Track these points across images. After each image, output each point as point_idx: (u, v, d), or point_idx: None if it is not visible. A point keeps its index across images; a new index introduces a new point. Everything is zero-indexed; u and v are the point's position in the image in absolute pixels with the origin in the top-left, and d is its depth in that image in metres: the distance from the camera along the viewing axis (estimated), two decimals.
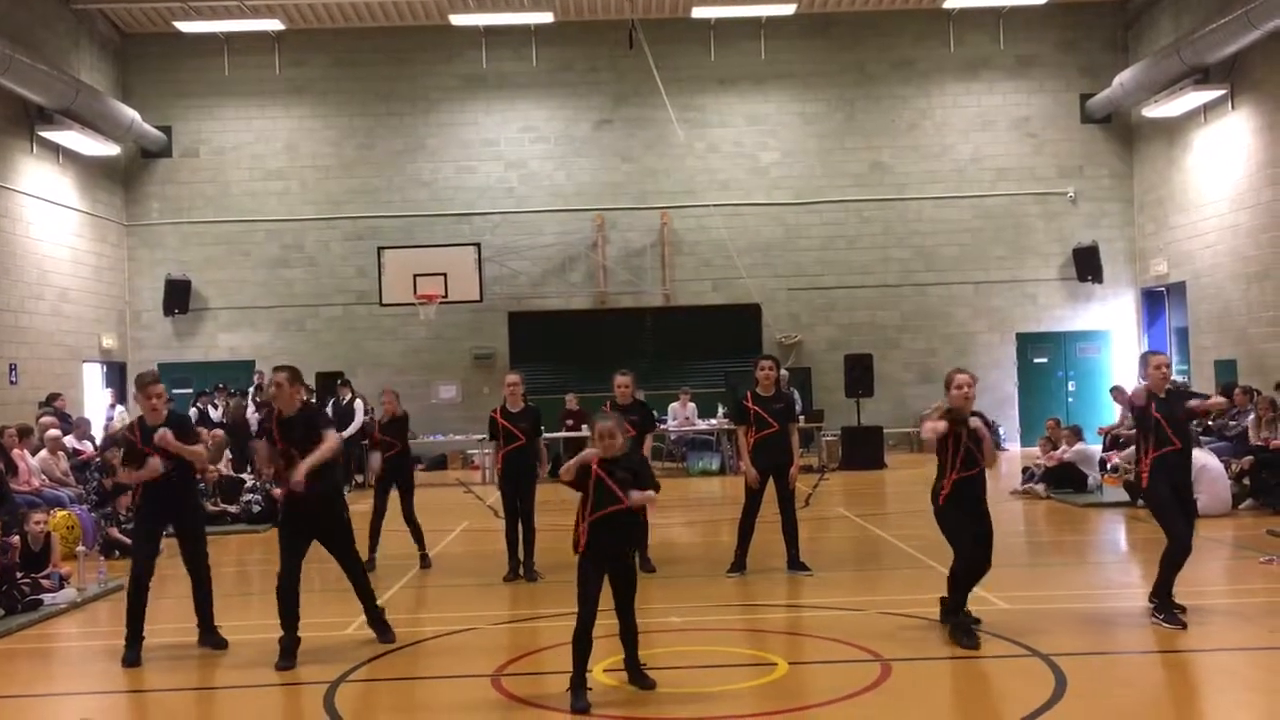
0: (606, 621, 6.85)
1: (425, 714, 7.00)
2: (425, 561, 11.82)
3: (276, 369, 8.35)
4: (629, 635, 6.93)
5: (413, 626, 9.09)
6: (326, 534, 8.19)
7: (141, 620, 8.13)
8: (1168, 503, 8.29)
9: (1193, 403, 8.51)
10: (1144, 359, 8.77)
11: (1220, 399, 9.57)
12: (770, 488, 10.53)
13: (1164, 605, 8.15)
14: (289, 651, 7.84)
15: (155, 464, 8.11)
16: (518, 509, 10.89)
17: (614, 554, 6.83)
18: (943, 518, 8.13)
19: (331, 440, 8.05)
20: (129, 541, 12.22)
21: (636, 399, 11.21)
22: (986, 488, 8.18)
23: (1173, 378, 9.25)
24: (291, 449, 7.96)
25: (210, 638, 8.46)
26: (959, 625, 7.91)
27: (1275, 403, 15.37)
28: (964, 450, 7.97)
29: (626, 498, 6.75)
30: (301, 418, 8.11)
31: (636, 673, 6.95)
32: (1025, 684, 6.90)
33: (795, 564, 10.66)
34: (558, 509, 10.99)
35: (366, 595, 8.41)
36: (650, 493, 6.89)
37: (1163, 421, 8.31)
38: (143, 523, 8.42)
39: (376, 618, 8.45)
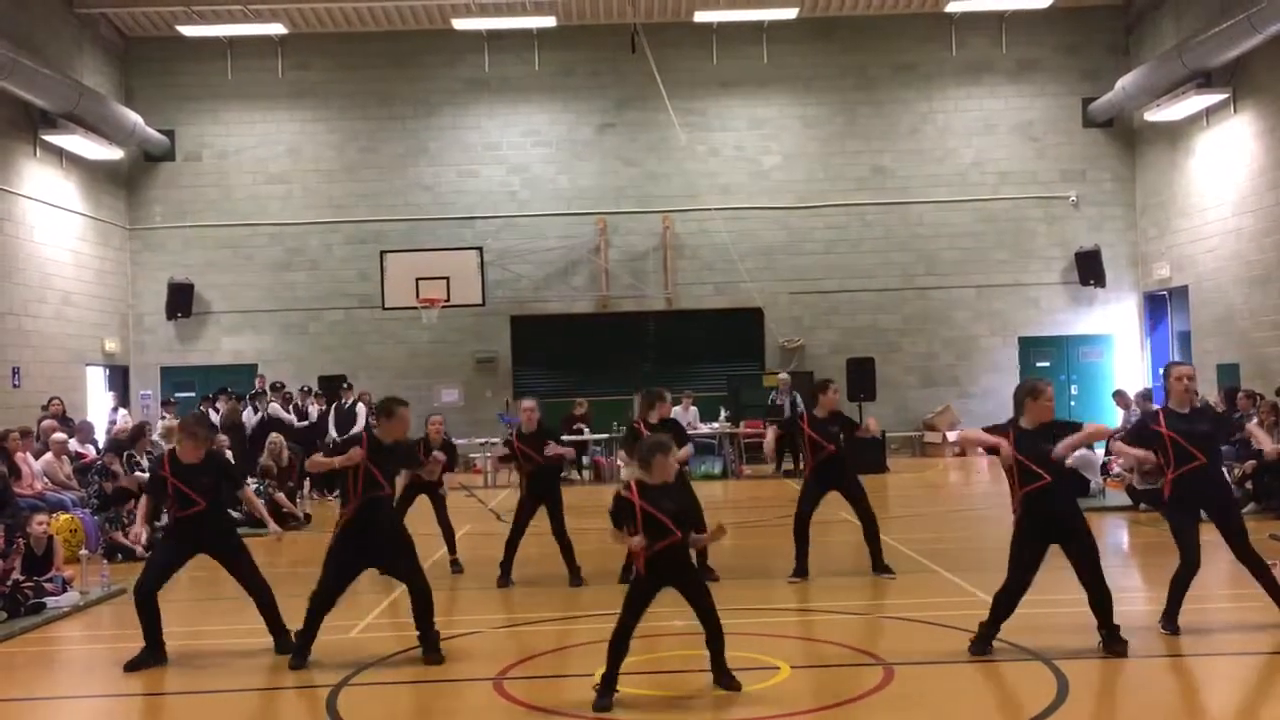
0: (604, 627, 6.84)
1: (428, 718, 7.00)
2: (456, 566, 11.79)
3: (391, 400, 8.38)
4: (713, 640, 6.79)
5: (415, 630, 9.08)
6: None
7: (156, 626, 7.99)
8: (1184, 525, 8.00)
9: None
10: (1166, 370, 8.26)
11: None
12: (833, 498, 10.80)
13: (1167, 615, 8.07)
14: (300, 650, 7.87)
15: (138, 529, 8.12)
16: (525, 523, 10.84)
17: (675, 576, 6.73)
18: (1014, 535, 7.70)
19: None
20: (131, 546, 12.23)
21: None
22: (1071, 499, 7.69)
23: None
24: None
25: (281, 641, 8.20)
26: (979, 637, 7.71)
27: (1277, 407, 15.36)
28: (1017, 467, 7.44)
29: (679, 531, 6.62)
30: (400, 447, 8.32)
31: (721, 673, 6.81)
32: (1027, 688, 6.90)
33: (880, 567, 10.72)
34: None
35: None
36: (704, 535, 7.12)
37: (1179, 438, 7.93)
38: (168, 542, 8.31)
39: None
